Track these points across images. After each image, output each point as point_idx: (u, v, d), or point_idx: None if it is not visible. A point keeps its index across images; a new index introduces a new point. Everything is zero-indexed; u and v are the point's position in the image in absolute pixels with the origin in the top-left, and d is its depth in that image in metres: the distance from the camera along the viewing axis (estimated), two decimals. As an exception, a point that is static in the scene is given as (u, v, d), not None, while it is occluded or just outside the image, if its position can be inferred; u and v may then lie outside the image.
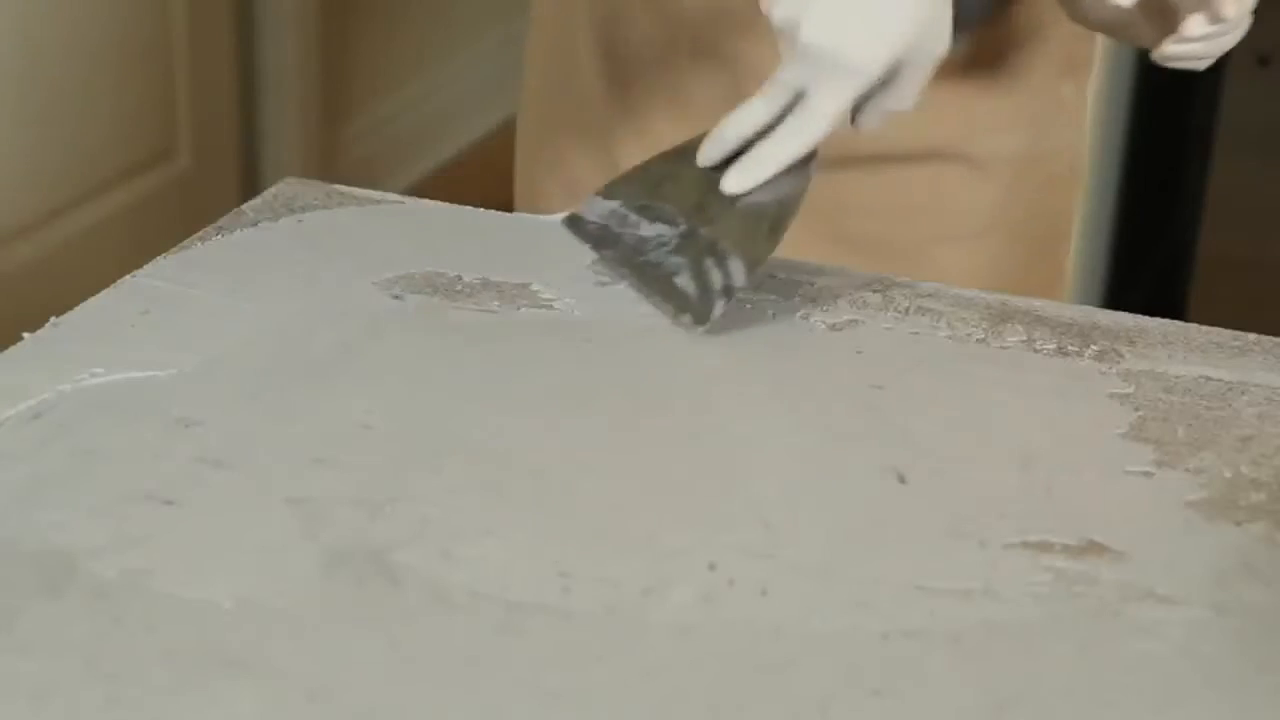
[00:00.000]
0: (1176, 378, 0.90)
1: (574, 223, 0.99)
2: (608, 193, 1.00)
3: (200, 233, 1.00)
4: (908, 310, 0.96)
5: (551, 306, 0.95)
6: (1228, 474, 0.82)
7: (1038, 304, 0.97)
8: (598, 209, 0.99)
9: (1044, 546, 0.76)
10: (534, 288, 0.96)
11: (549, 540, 0.76)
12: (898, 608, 0.72)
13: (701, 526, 0.77)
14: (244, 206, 1.04)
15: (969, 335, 0.94)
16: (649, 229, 0.97)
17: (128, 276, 0.96)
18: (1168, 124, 2.45)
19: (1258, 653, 0.71)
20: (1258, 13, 1.03)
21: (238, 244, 0.99)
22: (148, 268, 0.96)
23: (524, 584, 0.73)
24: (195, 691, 0.66)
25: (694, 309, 0.93)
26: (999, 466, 0.82)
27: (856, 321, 0.94)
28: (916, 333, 0.94)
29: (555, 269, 0.98)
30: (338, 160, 2.77)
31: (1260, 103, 2.23)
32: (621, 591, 0.72)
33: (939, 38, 0.94)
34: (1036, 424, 0.87)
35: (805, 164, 0.95)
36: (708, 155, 0.96)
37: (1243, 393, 0.89)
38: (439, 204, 1.07)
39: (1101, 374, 0.90)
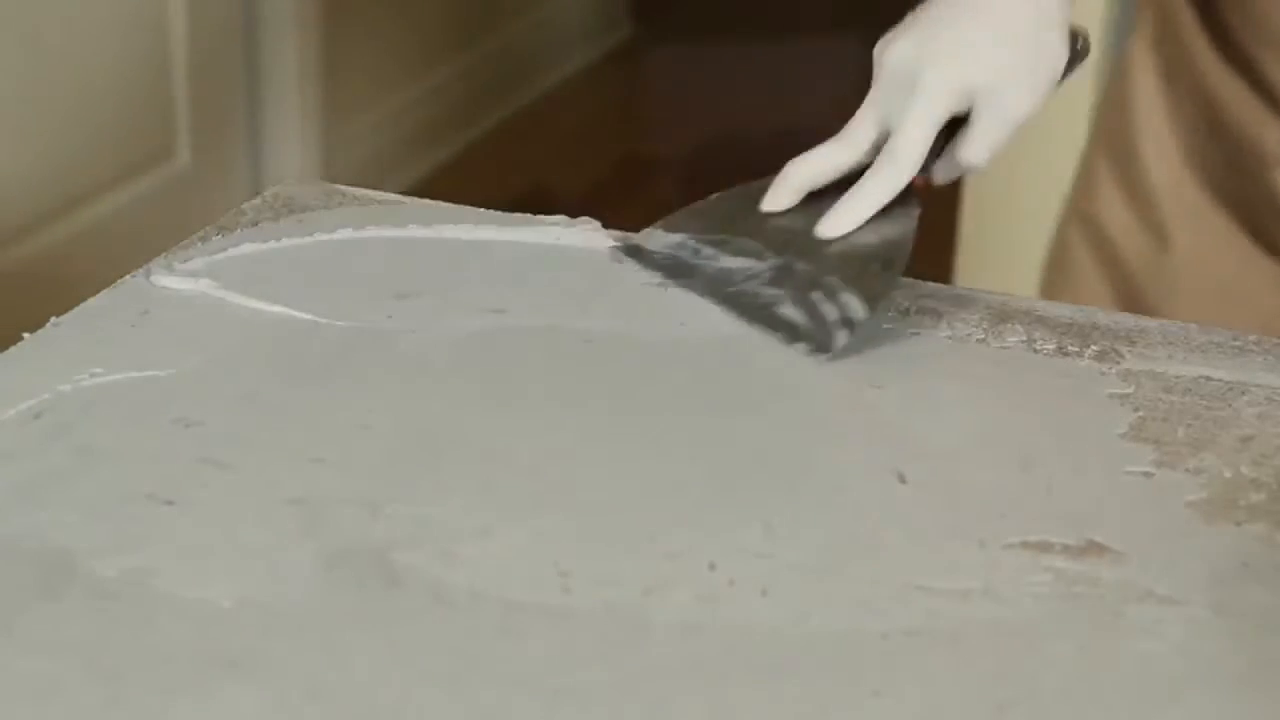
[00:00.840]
0: (1176, 378, 0.90)
1: (636, 253, 0.99)
2: (669, 226, 0.99)
3: (200, 233, 1.00)
4: (908, 310, 0.96)
5: (552, 307, 0.94)
6: (1228, 474, 0.82)
7: (1038, 304, 0.97)
8: (661, 240, 0.98)
9: (1044, 546, 0.76)
10: (535, 288, 0.96)
11: (549, 540, 0.76)
12: (898, 608, 0.72)
13: (701, 526, 0.77)
14: (244, 206, 1.04)
15: (969, 335, 0.94)
16: (731, 261, 0.96)
17: (128, 276, 0.96)
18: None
19: (1257, 653, 0.71)
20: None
21: (238, 244, 0.99)
22: (148, 267, 0.96)
23: (524, 584, 0.73)
24: (195, 691, 0.66)
25: (810, 338, 0.91)
26: (999, 466, 0.82)
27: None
28: (916, 333, 0.94)
29: (556, 269, 0.98)
30: (338, 160, 2.77)
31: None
32: (621, 591, 0.72)
33: (1022, 95, 0.94)
34: (1036, 424, 0.87)
35: (906, 203, 0.95)
36: (777, 200, 0.97)
37: (1243, 393, 0.89)
38: (439, 203, 1.07)
39: (1101, 374, 0.90)
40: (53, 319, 0.91)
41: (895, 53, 0.95)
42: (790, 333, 0.92)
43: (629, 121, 3.57)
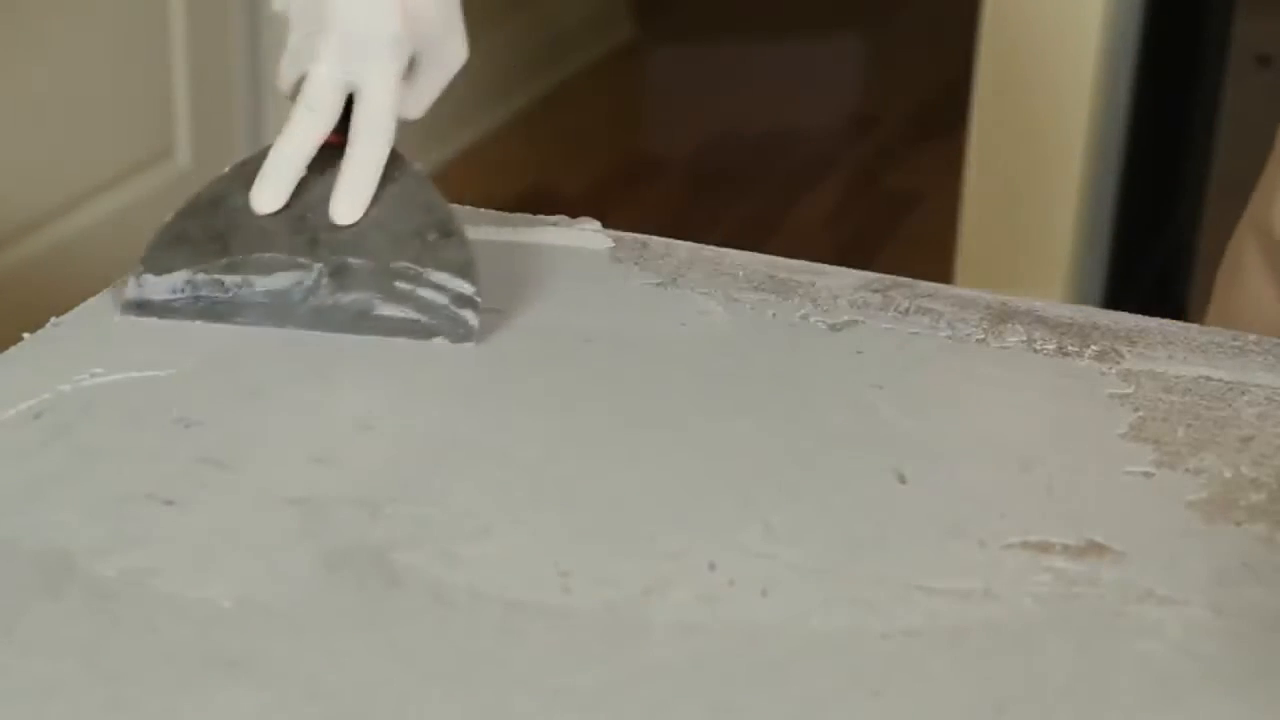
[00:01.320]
0: (1176, 378, 0.90)
1: (142, 308, 0.91)
2: (156, 268, 0.91)
3: (200, 233, 1.00)
4: (908, 310, 0.96)
5: (552, 307, 0.94)
6: (1228, 474, 0.82)
7: (1038, 304, 0.97)
8: (164, 285, 0.90)
9: (1044, 546, 0.76)
10: (534, 289, 0.96)
11: (549, 540, 0.76)
12: (898, 608, 0.72)
13: (701, 526, 0.77)
14: (244, 207, 1.04)
15: (969, 335, 0.94)
16: (271, 281, 0.90)
17: (127, 276, 0.95)
18: (1167, 124, 2.45)
19: (1257, 653, 0.71)
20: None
21: (238, 244, 0.99)
22: (148, 268, 0.96)
23: (524, 584, 0.73)
24: (195, 691, 0.66)
25: (437, 330, 0.89)
26: (999, 466, 0.82)
27: (856, 321, 0.94)
28: (916, 333, 0.94)
29: (555, 269, 0.98)
30: (338, 160, 2.76)
31: (1260, 103, 2.23)
32: (621, 591, 0.72)
33: (458, 48, 0.96)
34: (1036, 424, 0.87)
35: (396, 163, 0.93)
36: (270, 201, 0.92)
37: (1243, 393, 0.89)
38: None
39: (1101, 374, 0.90)
40: (53, 319, 0.91)
41: (345, 9, 0.91)
42: (410, 329, 0.89)
43: (630, 121, 3.57)
